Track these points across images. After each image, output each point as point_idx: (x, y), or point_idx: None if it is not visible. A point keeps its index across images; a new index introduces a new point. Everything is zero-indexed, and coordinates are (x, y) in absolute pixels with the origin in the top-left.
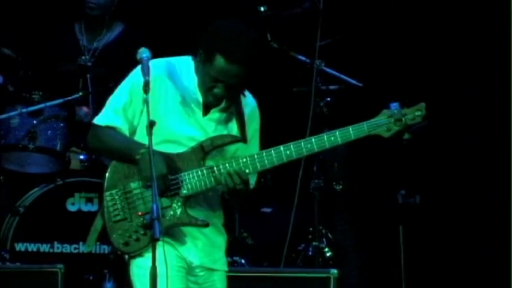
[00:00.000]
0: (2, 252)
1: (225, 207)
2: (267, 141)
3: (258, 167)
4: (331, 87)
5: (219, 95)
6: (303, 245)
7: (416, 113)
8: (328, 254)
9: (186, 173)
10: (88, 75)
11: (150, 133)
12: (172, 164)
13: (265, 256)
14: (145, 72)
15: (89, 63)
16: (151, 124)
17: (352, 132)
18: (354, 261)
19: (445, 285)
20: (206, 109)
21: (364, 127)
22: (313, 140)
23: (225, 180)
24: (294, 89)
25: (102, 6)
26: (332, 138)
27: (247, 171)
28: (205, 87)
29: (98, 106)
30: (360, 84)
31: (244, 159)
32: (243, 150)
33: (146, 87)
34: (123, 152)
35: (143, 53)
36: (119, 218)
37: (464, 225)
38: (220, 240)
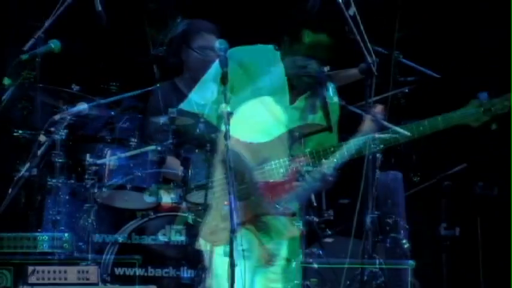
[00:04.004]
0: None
1: None
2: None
3: (346, 156)
4: (409, 78)
5: (313, 72)
6: (381, 237)
7: (505, 103)
8: (406, 246)
9: (272, 162)
10: (161, 66)
11: (227, 123)
12: (258, 153)
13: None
14: (223, 63)
15: (161, 54)
16: (228, 115)
17: (441, 121)
18: (431, 252)
19: None
20: (292, 98)
21: (453, 116)
22: (406, 125)
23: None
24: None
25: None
26: (421, 127)
27: (335, 160)
28: (298, 68)
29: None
30: (437, 76)
31: (332, 148)
32: (325, 136)
33: (224, 79)
34: None
35: (220, 44)
36: None
37: None
38: (298, 232)
